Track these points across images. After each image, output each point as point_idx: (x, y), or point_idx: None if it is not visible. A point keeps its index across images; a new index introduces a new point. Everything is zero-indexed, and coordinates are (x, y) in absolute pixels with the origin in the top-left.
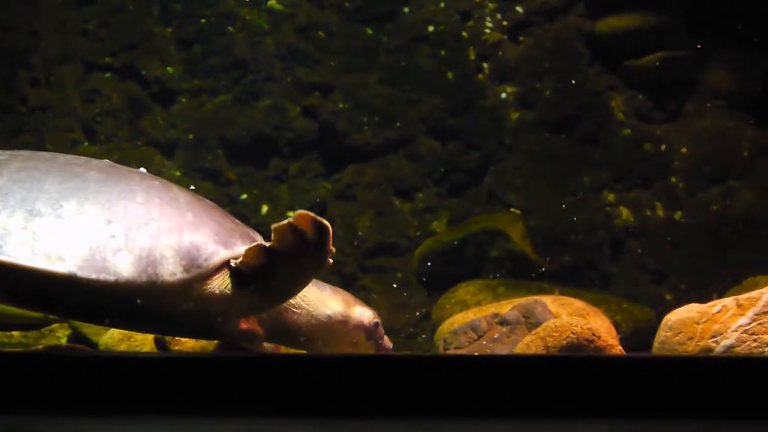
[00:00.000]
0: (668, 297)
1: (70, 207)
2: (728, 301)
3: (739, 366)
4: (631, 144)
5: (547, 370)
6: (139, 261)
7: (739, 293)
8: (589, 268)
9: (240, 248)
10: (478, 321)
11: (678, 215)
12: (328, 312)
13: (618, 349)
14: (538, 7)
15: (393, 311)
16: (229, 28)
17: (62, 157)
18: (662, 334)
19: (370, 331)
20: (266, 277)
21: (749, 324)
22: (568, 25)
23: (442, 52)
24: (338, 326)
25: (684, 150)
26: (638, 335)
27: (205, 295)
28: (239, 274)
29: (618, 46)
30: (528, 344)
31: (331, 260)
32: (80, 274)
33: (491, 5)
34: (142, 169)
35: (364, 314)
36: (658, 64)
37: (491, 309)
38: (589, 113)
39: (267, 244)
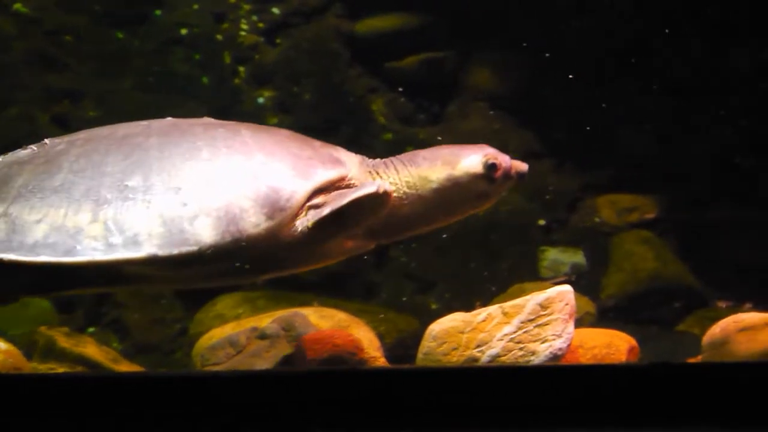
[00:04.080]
0: (434, 306)
1: (135, 185)
2: (493, 309)
3: (504, 375)
4: (393, 148)
5: (309, 384)
6: (218, 222)
7: (506, 301)
8: (352, 277)
9: (321, 176)
10: (236, 336)
11: None
12: (434, 185)
13: (381, 362)
14: (295, 7)
15: (149, 327)
16: None
17: (122, 129)
18: (426, 344)
19: (488, 177)
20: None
21: (515, 332)
22: (327, 26)
23: (197, 56)
24: (451, 193)
25: None
26: (403, 346)
27: (297, 234)
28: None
29: (378, 48)
30: (288, 358)
31: (389, 189)
32: (161, 253)
33: (246, 7)
34: (206, 118)
35: (471, 164)
36: (419, 65)
37: (250, 323)
38: (350, 117)
39: (310, 224)
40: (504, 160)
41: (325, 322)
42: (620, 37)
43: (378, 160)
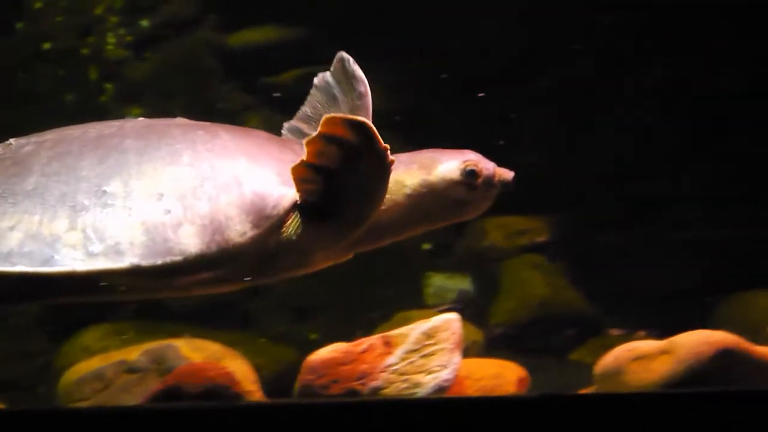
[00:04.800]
0: (313, 336)
1: (114, 190)
2: (375, 339)
3: (387, 409)
4: None
5: (180, 420)
6: (203, 231)
7: (389, 330)
8: (226, 306)
9: None
10: (103, 369)
11: None
12: (407, 191)
13: (258, 395)
14: (166, 20)
15: (10, 360)
16: None
17: (93, 129)
18: (304, 377)
19: (468, 183)
20: (336, 201)
21: (399, 363)
22: (199, 40)
23: (61, 72)
24: (426, 200)
25: None
26: (282, 379)
27: (284, 241)
28: (309, 208)
29: (254, 62)
30: (159, 393)
31: (392, 158)
32: (144, 263)
33: (114, 19)
34: (179, 118)
35: (448, 170)
36: (298, 80)
37: (119, 355)
38: None
39: (305, 159)
40: (486, 166)
41: (198, 354)
42: (507, 55)
43: None
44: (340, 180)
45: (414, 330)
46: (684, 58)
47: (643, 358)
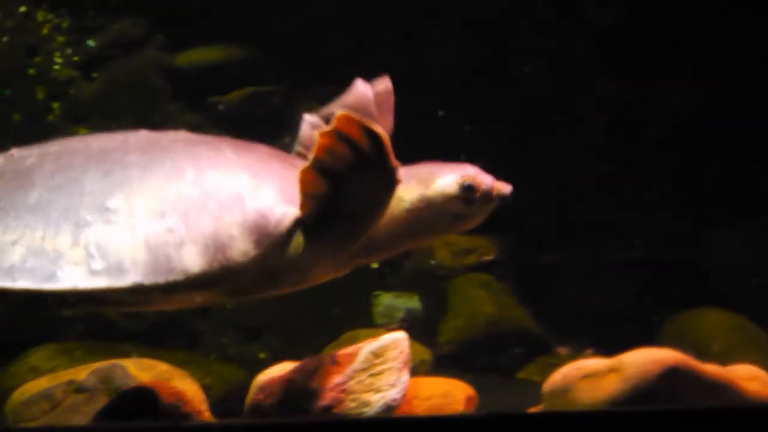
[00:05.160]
0: (261, 355)
1: (117, 206)
2: (324, 358)
3: (335, 428)
4: None
5: None
6: (206, 250)
7: (337, 349)
8: (174, 326)
9: None
10: (52, 390)
11: None
12: (406, 205)
13: (207, 415)
14: (113, 39)
15: None
16: None
17: (96, 142)
18: (253, 397)
19: (466, 198)
20: (337, 212)
21: (347, 382)
22: (146, 59)
23: (7, 92)
24: (424, 214)
25: None
26: (231, 398)
27: (285, 259)
28: (310, 221)
29: (201, 82)
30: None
31: (401, 177)
32: (146, 282)
33: (61, 39)
34: (182, 132)
35: (446, 185)
36: (245, 100)
37: (67, 375)
38: None
39: (315, 154)
40: (484, 181)
41: (146, 373)
42: (452, 74)
43: None
44: (345, 189)
45: (362, 349)
46: (629, 77)
47: (591, 377)
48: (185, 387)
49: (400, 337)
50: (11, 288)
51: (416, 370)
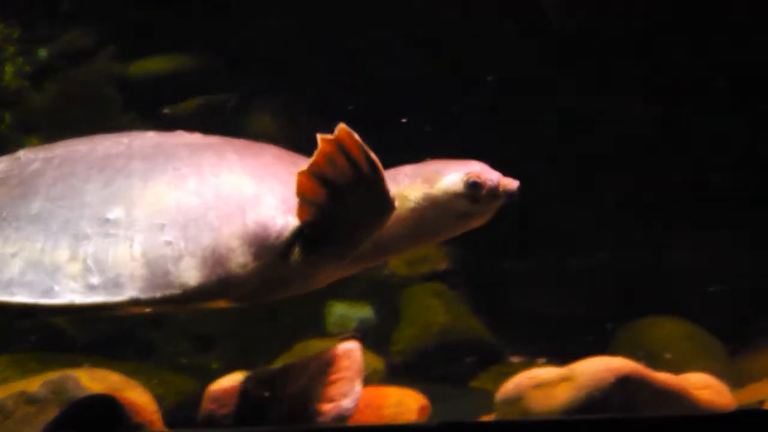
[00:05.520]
0: (214, 366)
1: (117, 218)
2: (277, 367)
3: None
4: None
5: None
6: (204, 263)
7: (290, 359)
8: (126, 336)
9: None
10: (3, 401)
11: None
12: (411, 204)
13: (159, 426)
14: (64, 50)
15: None
16: None
17: (100, 146)
18: (206, 406)
19: (471, 196)
20: (335, 224)
21: (299, 392)
22: (98, 70)
23: None
24: (429, 213)
25: None
26: (183, 408)
27: (286, 269)
28: (309, 230)
29: (153, 91)
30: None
31: (395, 203)
32: (143, 296)
33: (12, 48)
34: (189, 135)
35: (450, 183)
36: (197, 109)
37: (19, 386)
38: None
39: (313, 161)
40: (489, 177)
41: (98, 384)
42: (407, 85)
43: None
44: (342, 201)
45: (315, 359)
46: (585, 83)
47: (543, 386)
48: (137, 397)
49: (353, 346)
50: (8, 302)
51: (369, 380)
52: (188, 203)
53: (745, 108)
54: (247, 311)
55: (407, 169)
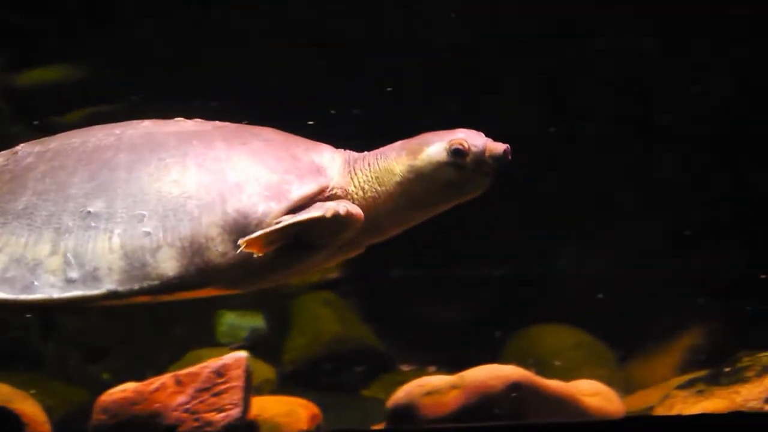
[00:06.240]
0: (105, 376)
1: (98, 211)
2: (167, 378)
3: None
4: None
5: None
6: (182, 253)
7: (180, 368)
8: (14, 346)
9: (296, 193)
10: None
11: None
12: (397, 179)
13: None
14: None
15: None
16: None
17: (94, 138)
18: (96, 417)
19: (456, 164)
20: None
21: (190, 402)
22: None
23: None
24: (415, 186)
25: None
26: (74, 420)
27: (273, 256)
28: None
29: (43, 101)
30: None
31: (345, 210)
32: (121, 289)
33: None
34: (184, 122)
35: (434, 152)
36: (86, 120)
37: None
38: None
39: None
40: (474, 143)
41: None
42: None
43: (362, 154)
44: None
45: (205, 368)
46: (478, 95)
47: (434, 393)
48: (26, 408)
49: (243, 356)
50: None
51: (260, 389)
52: (168, 193)
53: (624, 116)
54: (138, 320)
55: (397, 144)
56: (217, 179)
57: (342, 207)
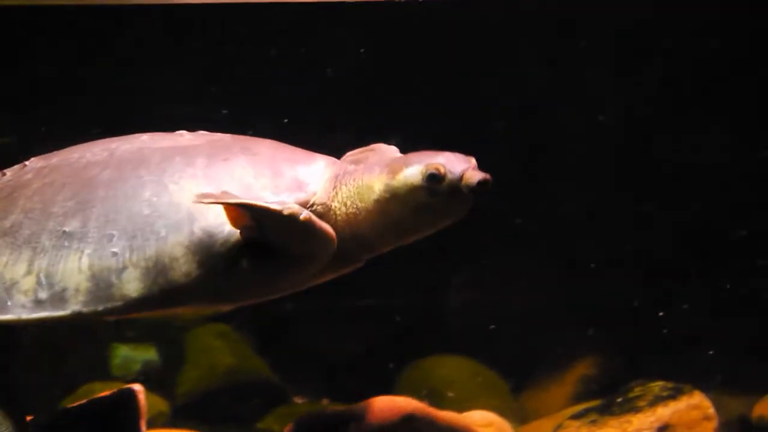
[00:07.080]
0: None
1: (73, 230)
2: (59, 411)
3: None
4: None
5: None
6: (146, 274)
7: (73, 402)
8: None
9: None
10: None
11: None
12: (374, 196)
13: None
14: None
15: None
16: None
17: (89, 153)
18: None
19: (431, 189)
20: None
21: None
22: None
23: None
24: (389, 206)
25: None
26: None
27: (239, 276)
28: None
29: None
30: None
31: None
32: (85, 310)
33: None
34: (183, 135)
35: (410, 174)
36: None
37: None
38: None
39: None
40: (452, 169)
41: None
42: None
43: (354, 167)
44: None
45: (98, 402)
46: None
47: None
48: None
49: (136, 389)
50: None
51: (154, 422)
52: (139, 212)
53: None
54: (30, 354)
55: (388, 158)
56: (189, 198)
57: (306, 213)
